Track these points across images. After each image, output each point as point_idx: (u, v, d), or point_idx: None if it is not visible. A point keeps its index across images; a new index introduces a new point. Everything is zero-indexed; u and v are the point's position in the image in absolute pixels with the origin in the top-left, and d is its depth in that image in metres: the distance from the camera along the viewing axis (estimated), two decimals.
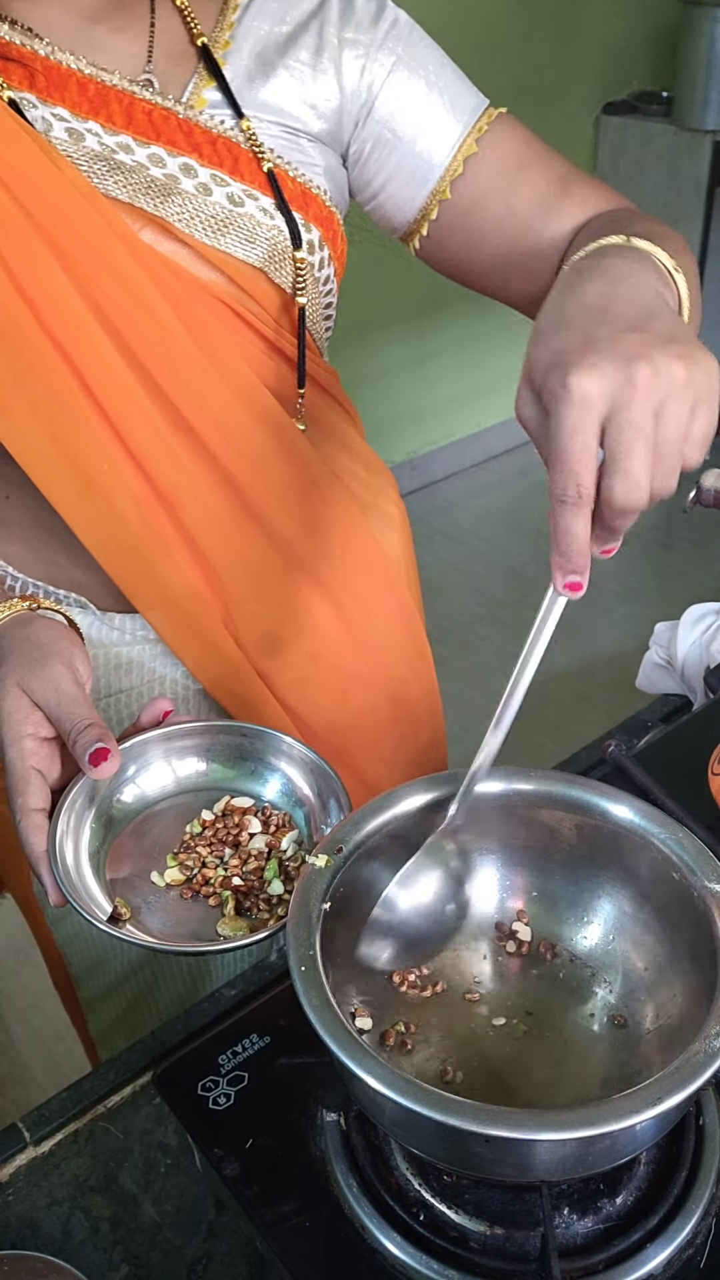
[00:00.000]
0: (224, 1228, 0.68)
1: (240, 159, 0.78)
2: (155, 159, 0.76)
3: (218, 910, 0.66)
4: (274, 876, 0.67)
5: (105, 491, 0.78)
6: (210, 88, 0.78)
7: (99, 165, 0.75)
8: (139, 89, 0.76)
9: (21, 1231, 0.68)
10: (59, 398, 0.74)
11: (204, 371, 0.78)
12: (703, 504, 1.10)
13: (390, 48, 0.81)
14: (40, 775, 0.66)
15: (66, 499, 0.78)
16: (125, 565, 0.81)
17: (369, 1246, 0.62)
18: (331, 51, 0.80)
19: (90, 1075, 0.76)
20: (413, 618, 0.97)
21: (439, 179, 0.83)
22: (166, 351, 0.76)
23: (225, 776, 0.72)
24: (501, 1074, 0.65)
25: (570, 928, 0.72)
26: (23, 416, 0.75)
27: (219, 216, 0.77)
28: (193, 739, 0.72)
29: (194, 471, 0.80)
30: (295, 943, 0.60)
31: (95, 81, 0.75)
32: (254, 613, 0.85)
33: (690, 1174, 0.64)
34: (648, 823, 0.67)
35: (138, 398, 0.76)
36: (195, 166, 0.77)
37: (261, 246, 0.79)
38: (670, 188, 3.30)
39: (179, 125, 0.77)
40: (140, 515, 0.79)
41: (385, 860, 0.70)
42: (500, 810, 0.71)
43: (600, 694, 2.62)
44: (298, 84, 0.80)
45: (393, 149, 0.83)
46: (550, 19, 3.13)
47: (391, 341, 3.18)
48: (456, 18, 2.85)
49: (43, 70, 0.74)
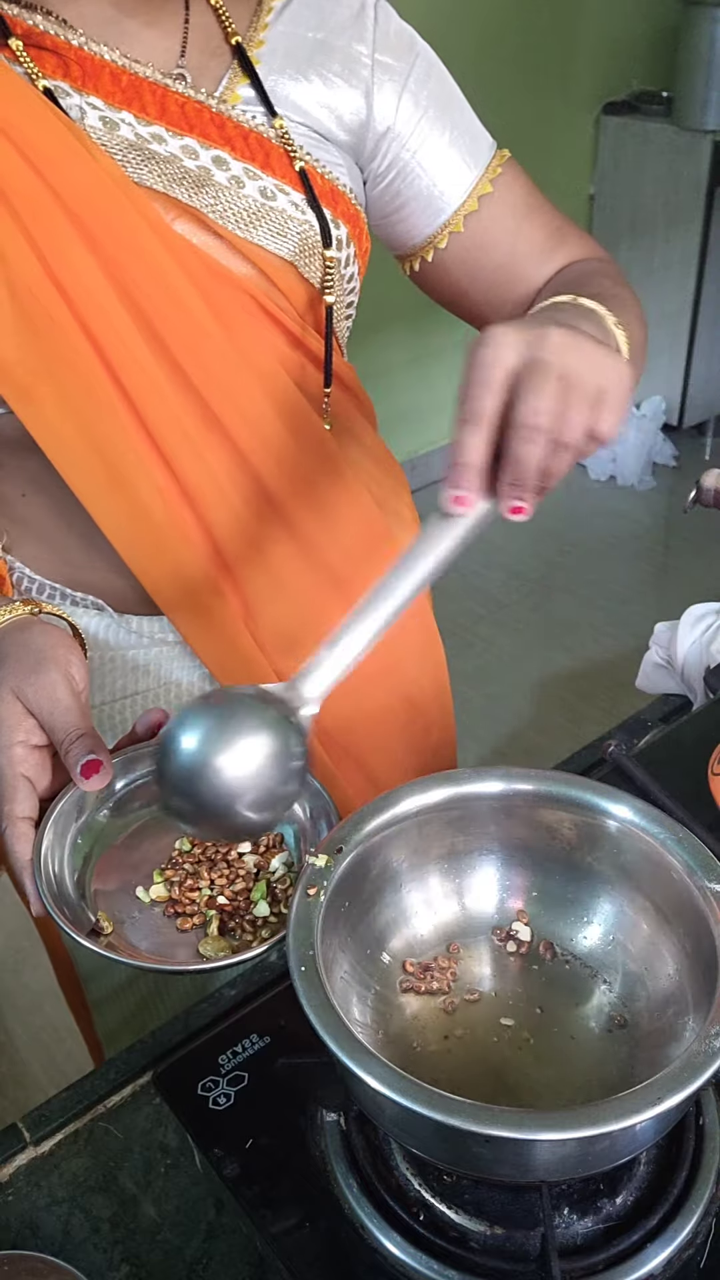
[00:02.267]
0: (224, 1228, 0.68)
1: (272, 154, 0.79)
2: (189, 150, 0.76)
3: (202, 929, 0.65)
4: (261, 898, 0.66)
5: (130, 484, 0.77)
6: (244, 84, 0.79)
7: (133, 155, 0.75)
8: (172, 82, 0.76)
9: (21, 1231, 0.68)
10: (88, 387, 0.74)
11: (233, 366, 0.78)
12: (703, 504, 1.10)
13: (423, 85, 0.84)
14: (29, 783, 0.65)
15: (91, 490, 0.77)
16: (148, 560, 0.80)
17: (369, 1246, 0.62)
18: (364, 70, 0.81)
19: (90, 1075, 0.76)
20: (427, 618, 0.98)
21: (454, 212, 0.87)
22: (196, 344, 0.76)
23: None
24: (501, 1074, 0.65)
25: (570, 928, 0.72)
26: (51, 406, 0.74)
27: (251, 209, 0.78)
28: None
29: (218, 465, 0.80)
30: (295, 943, 0.60)
31: (128, 73, 0.75)
32: (273, 610, 0.85)
33: (690, 1174, 0.64)
34: (648, 823, 0.67)
35: (166, 390, 0.76)
36: (228, 160, 0.77)
37: (292, 240, 0.80)
38: (670, 188, 3.30)
39: (212, 119, 0.77)
40: (165, 508, 0.79)
41: (385, 860, 0.70)
42: (500, 810, 0.71)
43: (600, 694, 2.62)
44: (328, 92, 0.81)
45: (415, 179, 0.85)
46: (550, 19, 3.13)
47: (392, 340, 3.18)
48: (457, 17, 2.85)
49: (76, 60, 0.74)
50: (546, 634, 2.82)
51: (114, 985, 1.02)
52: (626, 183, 3.42)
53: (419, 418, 3.42)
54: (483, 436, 0.56)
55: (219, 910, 0.66)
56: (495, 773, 0.71)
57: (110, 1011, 1.04)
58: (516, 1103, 0.63)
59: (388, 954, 0.71)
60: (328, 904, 0.63)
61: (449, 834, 0.72)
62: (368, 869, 0.69)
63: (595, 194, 3.52)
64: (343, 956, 0.67)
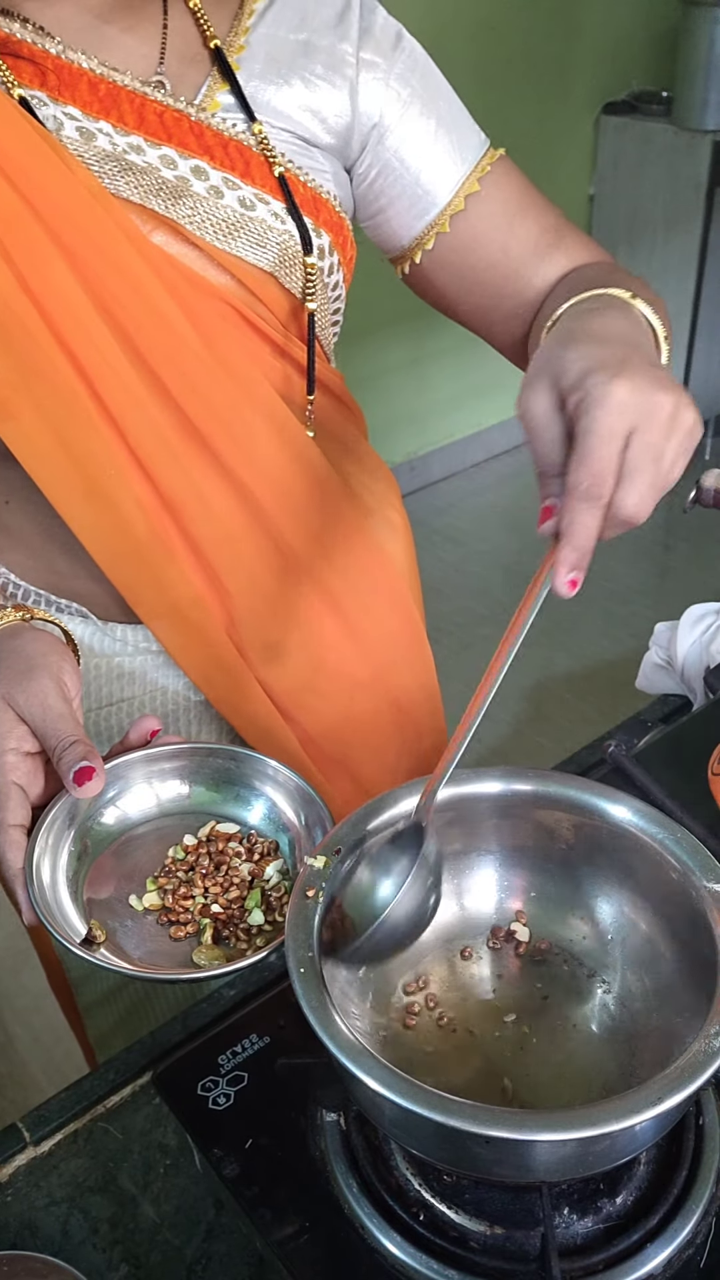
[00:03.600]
0: (224, 1228, 0.68)
1: (252, 162, 0.78)
2: (167, 160, 0.76)
3: (195, 937, 0.65)
4: (255, 906, 0.66)
5: (110, 497, 0.77)
6: (223, 91, 0.78)
7: (110, 165, 0.74)
8: (150, 90, 0.75)
9: (21, 1232, 0.68)
10: (65, 401, 0.74)
11: (213, 375, 0.77)
12: (703, 504, 1.10)
13: (406, 79, 0.82)
14: (21, 790, 0.65)
15: (72, 504, 0.77)
16: (129, 572, 0.80)
17: (369, 1246, 0.62)
18: (348, 69, 0.80)
19: (90, 1075, 0.76)
20: (416, 625, 0.97)
21: (440, 212, 0.85)
22: (175, 355, 0.75)
23: (210, 800, 0.71)
24: (501, 1074, 0.65)
25: (569, 928, 0.72)
26: (29, 420, 0.74)
27: (230, 220, 0.77)
28: (178, 761, 0.71)
29: (200, 477, 0.79)
30: (294, 944, 0.60)
31: (106, 81, 0.74)
32: (257, 621, 0.85)
33: (690, 1174, 0.64)
34: (647, 823, 0.67)
35: (145, 402, 0.76)
36: (207, 169, 0.77)
37: (272, 250, 0.79)
38: (670, 188, 3.30)
39: (190, 127, 0.76)
40: (145, 521, 0.78)
41: (384, 861, 0.70)
42: (499, 810, 0.71)
43: (600, 694, 2.62)
44: (311, 94, 0.80)
45: (398, 177, 0.84)
46: (550, 19, 3.13)
47: (390, 342, 3.18)
48: (457, 18, 2.85)
49: (54, 69, 0.73)
50: (546, 634, 2.82)
51: (104, 991, 1.01)
52: (626, 183, 3.42)
53: (417, 420, 3.43)
54: (602, 514, 0.56)
55: (213, 918, 0.65)
56: (494, 773, 0.71)
57: (101, 1017, 1.04)
58: (516, 1103, 0.63)
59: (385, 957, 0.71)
60: (326, 905, 0.63)
61: (448, 834, 0.72)
62: (366, 869, 0.68)
63: (595, 194, 3.52)
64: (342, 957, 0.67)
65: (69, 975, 1.02)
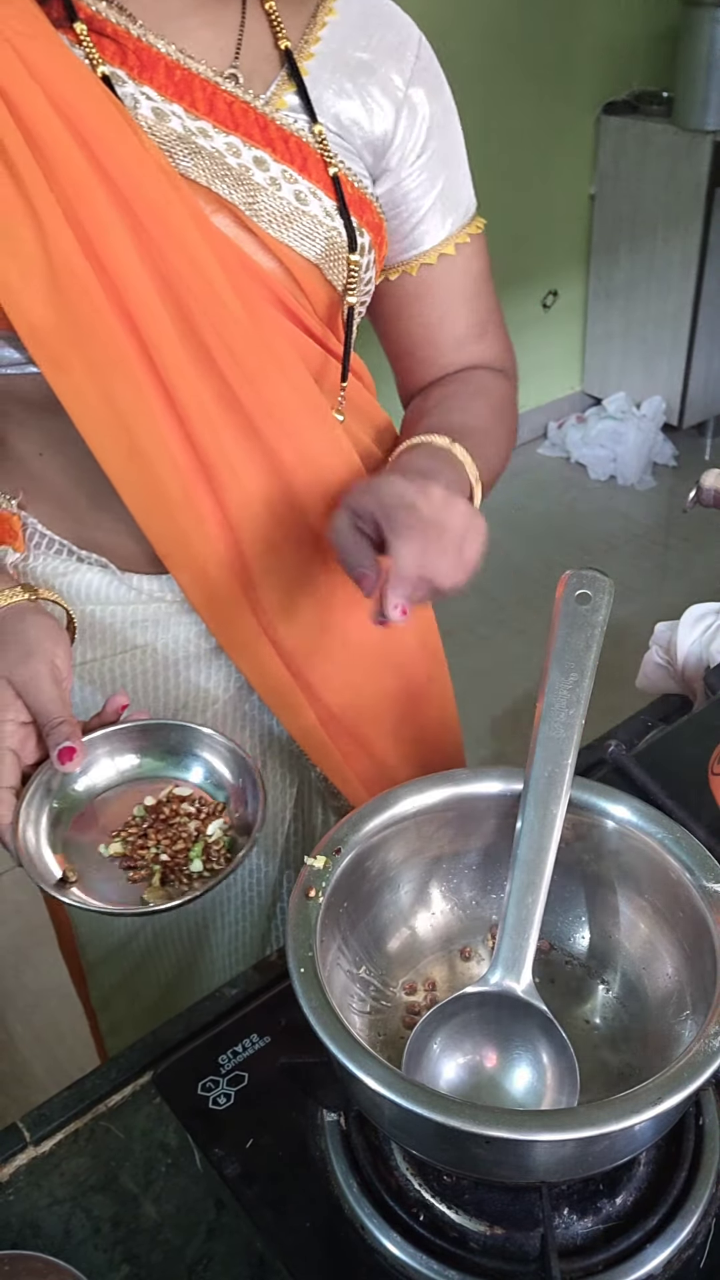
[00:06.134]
0: (224, 1228, 0.68)
1: (309, 159, 0.82)
2: (232, 148, 0.79)
3: (148, 880, 0.74)
4: (197, 857, 0.74)
5: (149, 456, 0.81)
6: (290, 91, 0.82)
7: (181, 147, 0.78)
8: (223, 80, 0.79)
9: (22, 1231, 0.68)
10: (116, 362, 0.77)
11: (257, 353, 0.81)
12: (703, 504, 1.11)
13: (441, 131, 0.88)
14: (15, 756, 0.74)
15: (115, 460, 0.81)
16: (161, 528, 0.84)
17: (369, 1246, 0.62)
18: (398, 102, 0.85)
19: (91, 1075, 0.77)
20: (425, 608, 1.01)
21: (418, 254, 0.92)
22: (224, 330, 0.79)
23: (158, 767, 0.82)
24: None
25: (569, 928, 0.72)
26: (81, 375, 0.77)
27: (285, 211, 0.81)
28: (134, 737, 0.81)
29: (234, 445, 0.82)
30: (294, 944, 0.60)
31: (182, 68, 0.78)
32: (273, 583, 0.88)
33: (690, 1174, 0.64)
34: (647, 823, 0.67)
35: (191, 371, 0.79)
36: (268, 160, 0.80)
37: (320, 244, 0.83)
38: (670, 188, 3.30)
39: (256, 119, 0.80)
40: (180, 483, 0.82)
41: (383, 861, 0.70)
42: (499, 810, 0.71)
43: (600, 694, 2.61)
44: (365, 111, 0.84)
45: (399, 210, 0.90)
46: (550, 19, 3.13)
47: None
48: (458, 18, 2.85)
49: (134, 50, 0.77)
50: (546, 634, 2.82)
51: (107, 949, 1.07)
52: (626, 183, 3.41)
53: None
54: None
55: (162, 865, 0.74)
56: (494, 773, 0.71)
57: (104, 975, 1.10)
58: (516, 1103, 0.63)
59: (387, 954, 0.71)
60: (326, 905, 0.63)
61: (447, 834, 0.72)
62: (366, 870, 0.69)
63: (595, 194, 3.52)
64: (342, 957, 0.67)
65: (77, 934, 1.08)
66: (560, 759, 0.66)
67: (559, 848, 0.66)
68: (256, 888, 1.04)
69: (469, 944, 0.73)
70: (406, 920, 0.73)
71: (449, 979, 0.72)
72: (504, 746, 2.46)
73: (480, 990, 0.64)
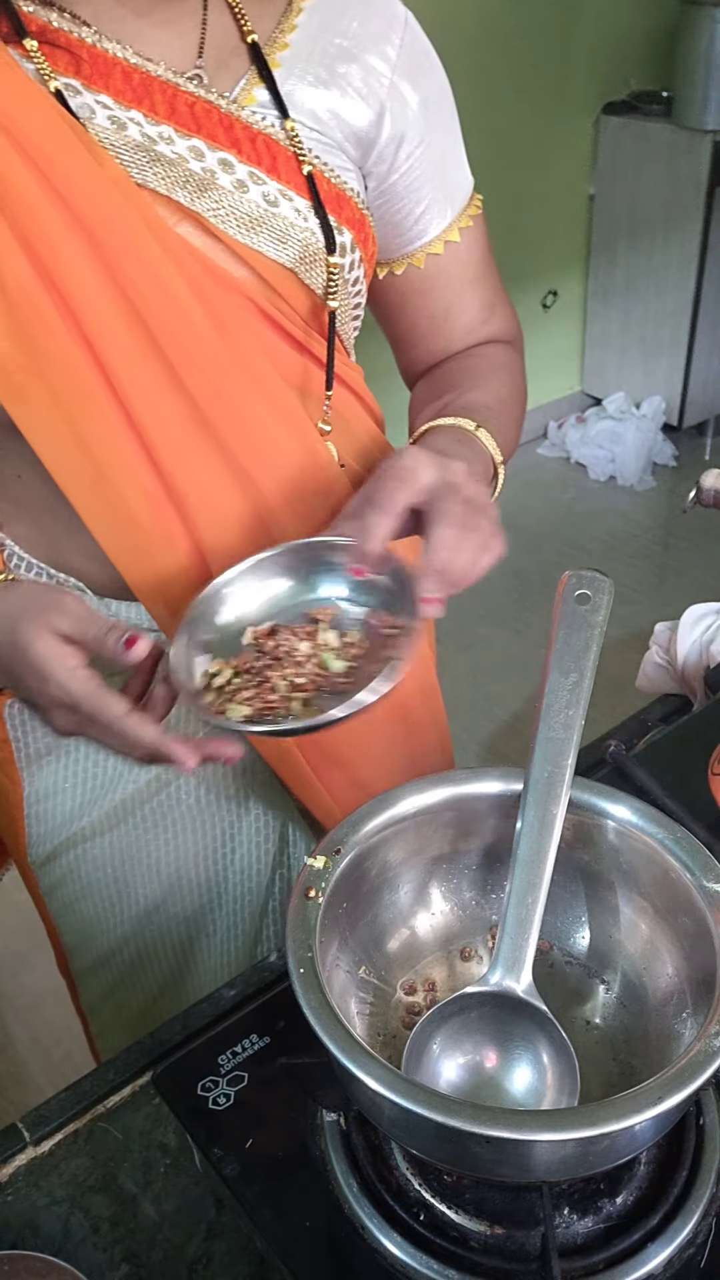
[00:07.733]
0: (224, 1228, 0.68)
1: (279, 158, 0.79)
2: (195, 152, 0.77)
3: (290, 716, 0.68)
4: (331, 658, 0.69)
5: (117, 485, 0.78)
6: (260, 86, 0.79)
7: (139, 156, 0.75)
8: (183, 81, 0.77)
9: (21, 1231, 0.68)
10: (79, 388, 0.75)
11: (226, 368, 0.78)
12: (703, 504, 1.10)
13: (436, 114, 0.85)
14: (108, 689, 0.69)
15: (79, 488, 0.79)
16: (130, 557, 0.82)
17: (369, 1246, 0.62)
18: (384, 91, 0.82)
19: (89, 1075, 0.76)
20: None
21: (422, 245, 0.90)
22: (190, 346, 0.76)
23: (298, 591, 0.75)
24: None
25: (569, 928, 0.72)
26: (42, 404, 0.75)
27: (253, 214, 0.78)
28: (265, 568, 0.74)
29: (205, 467, 0.80)
30: (294, 945, 0.60)
31: (140, 71, 0.75)
32: None
33: (690, 1174, 0.64)
34: (647, 823, 0.67)
35: (157, 392, 0.77)
36: (233, 162, 0.77)
37: (294, 248, 0.80)
38: (670, 188, 3.30)
39: (220, 119, 0.77)
40: (149, 510, 0.79)
41: (383, 861, 0.70)
42: (499, 810, 0.71)
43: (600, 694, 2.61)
44: (344, 101, 0.81)
45: (400, 203, 0.87)
46: (549, 19, 3.13)
47: None
48: (456, 17, 2.85)
49: (89, 58, 0.75)
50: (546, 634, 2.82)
51: (94, 958, 1.03)
52: (626, 183, 3.41)
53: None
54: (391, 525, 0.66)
55: (299, 690, 0.68)
56: (493, 773, 0.71)
57: (92, 984, 1.06)
58: (515, 1103, 0.63)
59: (386, 954, 0.71)
60: (326, 905, 0.63)
61: (447, 834, 0.72)
62: (366, 870, 0.69)
63: (595, 194, 3.52)
64: (341, 957, 0.67)
65: (63, 941, 1.04)
66: (560, 759, 0.66)
67: (559, 848, 0.66)
68: (246, 897, 1.02)
69: (469, 944, 0.73)
70: (406, 920, 0.73)
71: (449, 979, 0.72)
72: (504, 747, 2.46)
73: (480, 990, 0.64)
